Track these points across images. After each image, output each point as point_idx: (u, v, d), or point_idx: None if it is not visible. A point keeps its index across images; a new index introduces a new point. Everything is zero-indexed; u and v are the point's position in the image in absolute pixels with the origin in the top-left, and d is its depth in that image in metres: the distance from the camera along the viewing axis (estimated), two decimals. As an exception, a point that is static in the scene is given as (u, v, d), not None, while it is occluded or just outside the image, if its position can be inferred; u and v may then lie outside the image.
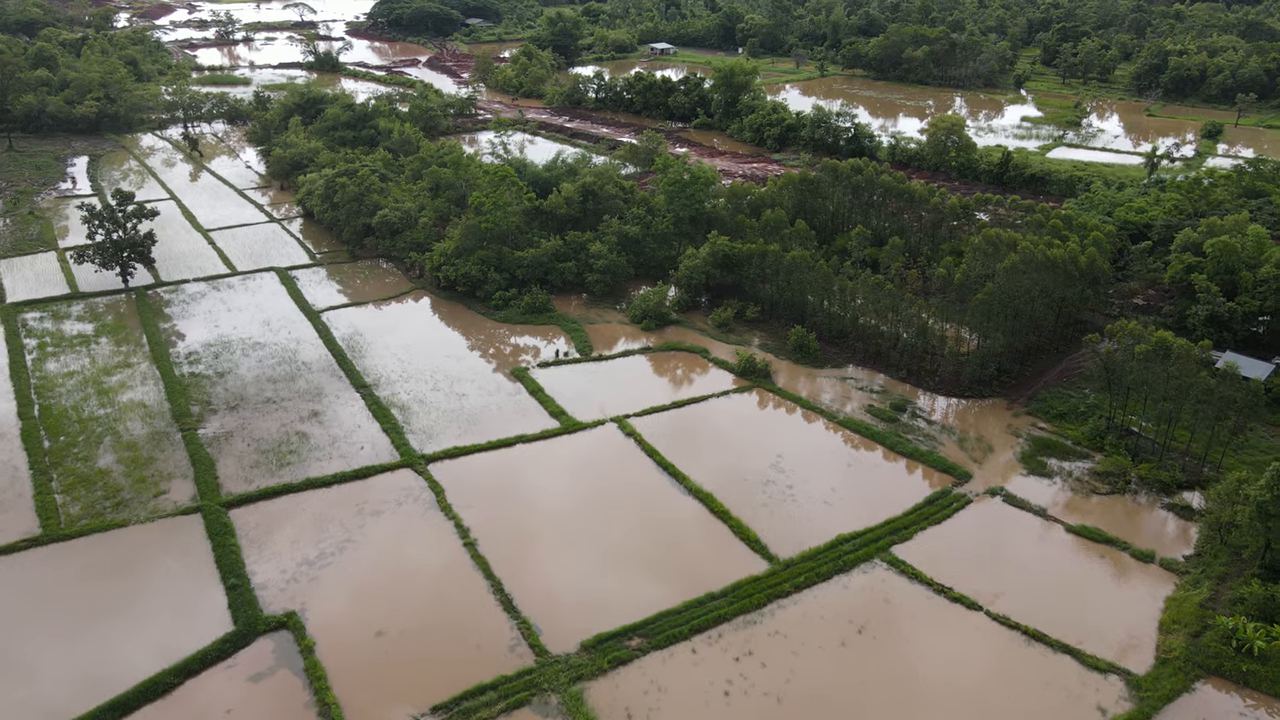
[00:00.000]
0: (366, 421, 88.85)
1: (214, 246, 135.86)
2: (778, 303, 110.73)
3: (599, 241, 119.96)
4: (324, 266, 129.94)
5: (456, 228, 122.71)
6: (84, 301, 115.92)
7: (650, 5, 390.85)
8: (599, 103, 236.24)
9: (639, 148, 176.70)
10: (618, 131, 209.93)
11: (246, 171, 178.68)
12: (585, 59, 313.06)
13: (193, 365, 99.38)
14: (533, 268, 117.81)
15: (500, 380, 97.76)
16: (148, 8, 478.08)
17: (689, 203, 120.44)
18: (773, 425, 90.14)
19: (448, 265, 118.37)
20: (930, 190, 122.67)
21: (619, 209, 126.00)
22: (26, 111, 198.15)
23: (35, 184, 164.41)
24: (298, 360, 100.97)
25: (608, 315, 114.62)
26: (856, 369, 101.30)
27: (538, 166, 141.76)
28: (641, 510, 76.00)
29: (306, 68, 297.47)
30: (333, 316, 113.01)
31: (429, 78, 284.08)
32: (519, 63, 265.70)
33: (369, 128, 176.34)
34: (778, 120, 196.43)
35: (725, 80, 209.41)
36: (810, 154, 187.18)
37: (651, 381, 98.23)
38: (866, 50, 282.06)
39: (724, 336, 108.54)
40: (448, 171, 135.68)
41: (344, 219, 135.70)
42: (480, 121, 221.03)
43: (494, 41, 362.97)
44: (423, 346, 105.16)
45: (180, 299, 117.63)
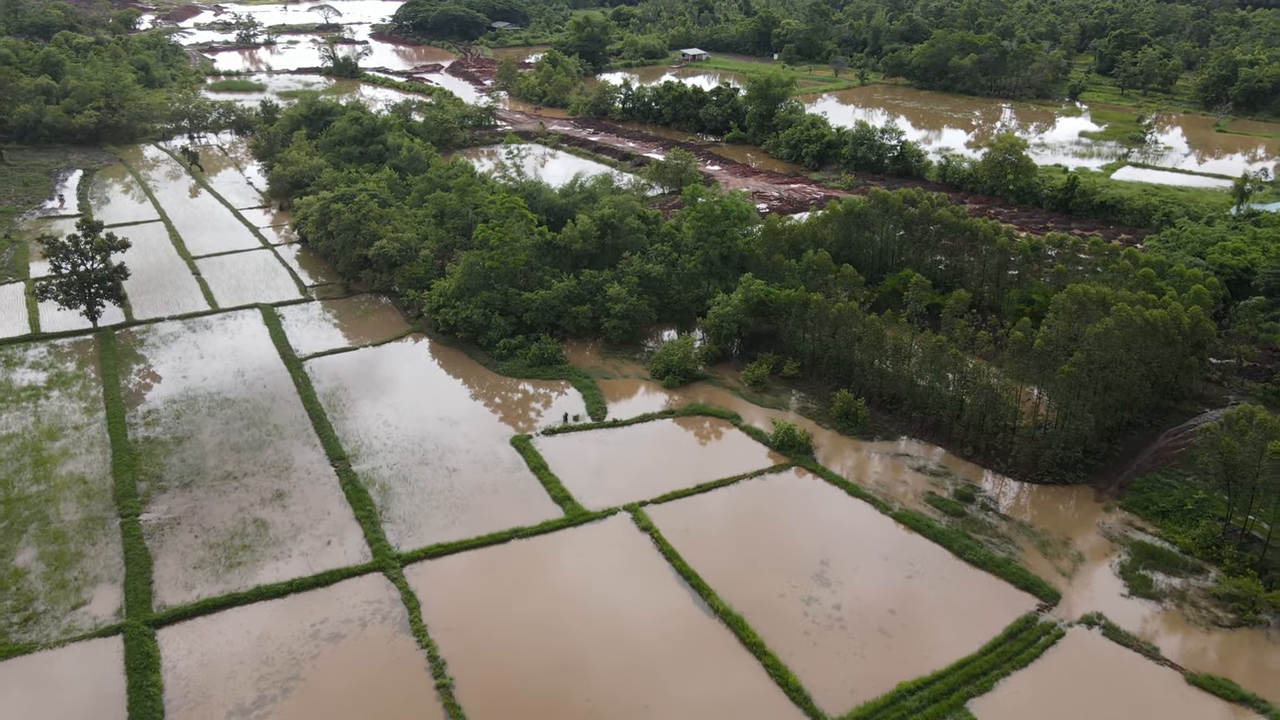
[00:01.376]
0: (338, 506, 75.84)
1: (198, 278, 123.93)
2: (820, 358, 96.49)
3: (618, 282, 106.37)
4: (315, 302, 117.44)
5: (459, 263, 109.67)
6: (44, 344, 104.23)
7: (682, 9, 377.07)
8: (626, 113, 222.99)
9: (666, 166, 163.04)
10: (645, 146, 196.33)
11: (247, 189, 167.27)
12: (614, 65, 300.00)
13: (150, 427, 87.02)
14: (542, 311, 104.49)
15: (499, 451, 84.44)
16: (173, 9, 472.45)
17: (720, 240, 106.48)
18: (815, 518, 76.00)
19: (447, 308, 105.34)
20: (995, 228, 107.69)
21: (641, 244, 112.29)
22: (23, 121, 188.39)
23: (20, 202, 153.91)
24: (269, 423, 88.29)
25: (625, 367, 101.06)
26: (911, 442, 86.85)
27: (553, 191, 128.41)
28: (657, 641, 62.24)
29: (325, 73, 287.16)
30: (316, 366, 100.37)
31: (450, 84, 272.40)
32: (543, 70, 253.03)
33: (377, 143, 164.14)
34: (817, 136, 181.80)
35: (760, 92, 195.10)
36: (852, 173, 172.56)
37: (673, 456, 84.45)
38: (910, 58, 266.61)
39: (758, 397, 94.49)
40: (452, 197, 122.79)
41: (339, 249, 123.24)
42: (500, 133, 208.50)
43: (520, 46, 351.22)
44: (413, 406, 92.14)
45: (151, 341, 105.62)
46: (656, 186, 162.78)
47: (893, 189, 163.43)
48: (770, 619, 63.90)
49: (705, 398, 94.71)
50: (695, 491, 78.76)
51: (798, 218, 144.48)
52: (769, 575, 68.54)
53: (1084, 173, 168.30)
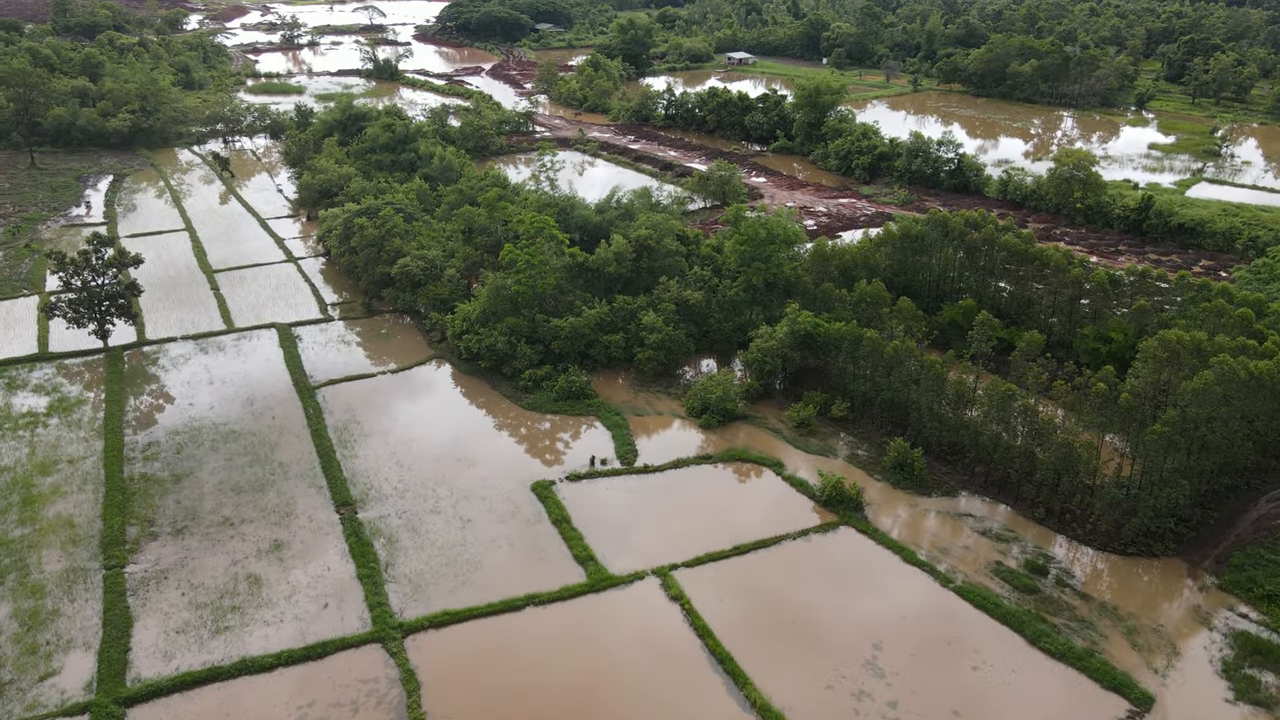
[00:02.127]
0: (339, 561, 69.28)
1: (216, 293, 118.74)
2: (872, 400, 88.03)
3: (653, 310, 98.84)
4: (335, 322, 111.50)
5: (485, 285, 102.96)
6: (51, 364, 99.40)
7: (729, 11, 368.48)
8: (668, 120, 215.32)
9: (709, 178, 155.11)
10: (687, 155, 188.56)
11: (276, 197, 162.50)
12: (657, 69, 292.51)
13: (148, 463, 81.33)
14: (572, 340, 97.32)
15: (518, 499, 77.37)
16: (221, 9, 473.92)
17: (765, 266, 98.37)
18: (867, 590, 67.78)
19: (470, 334, 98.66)
20: (1068, 257, 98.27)
21: (679, 268, 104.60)
22: (57, 124, 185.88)
23: (46, 208, 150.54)
24: (274, 460, 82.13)
25: (659, 402, 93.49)
26: (973, 499, 78.18)
27: (588, 207, 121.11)
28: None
29: (365, 75, 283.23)
30: (330, 394, 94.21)
31: (490, 87, 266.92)
32: (584, 74, 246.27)
33: (408, 151, 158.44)
34: (869, 148, 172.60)
35: (809, 100, 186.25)
36: (906, 188, 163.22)
37: (708, 509, 76.70)
38: (966, 63, 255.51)
39: (803, 441, 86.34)
40: (480, 213, 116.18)
41: (361, 266, 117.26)
42: (537, 140, 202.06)
43: (563, 48, 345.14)
44: (429, 443, 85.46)
45: (161, 364, 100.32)
46: (698, 200, 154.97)
47: (949, 205, 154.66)
48: (816, 718, 55.91)
49: (745, 440, 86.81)
50: (732, 554, 70.97)
51: (848, 237, 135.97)
52: (814, 660, 60.56)
53: (1155, 189, 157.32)
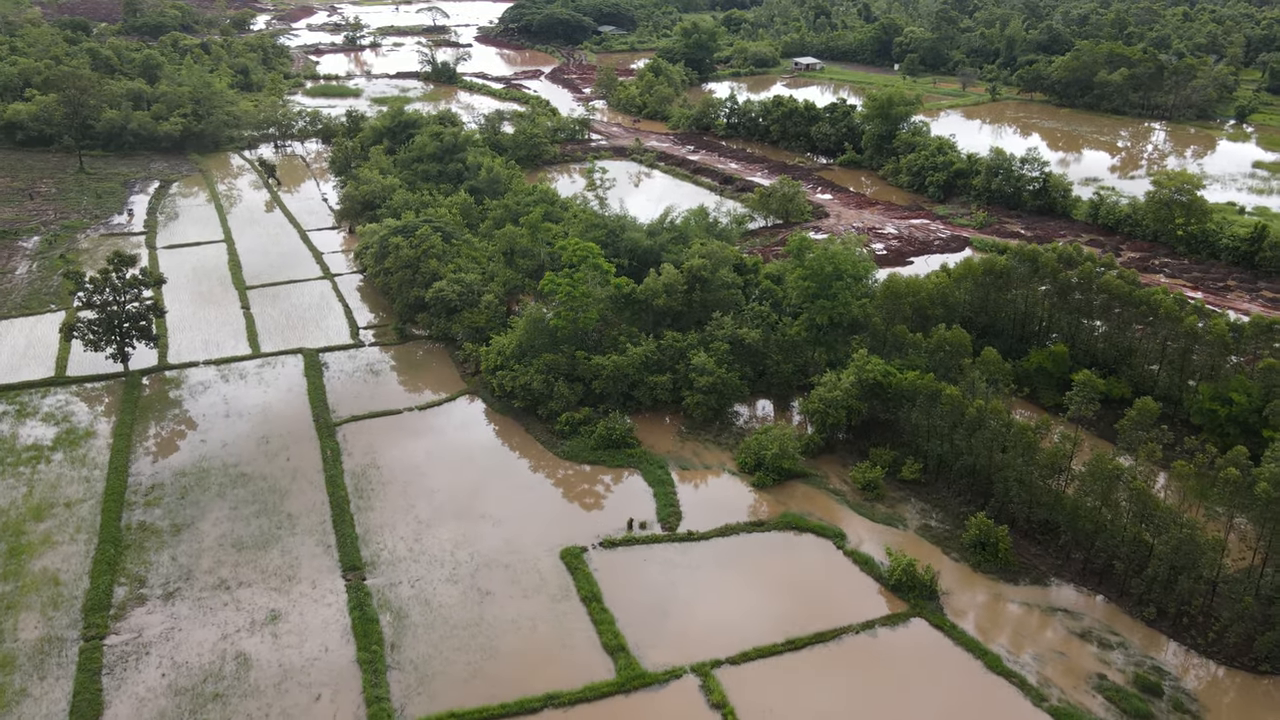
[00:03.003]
0: (339, 640, 61.65)
1: (246, 312, 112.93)
2: (949, 462, 77.68)
3: (705, 349, 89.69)
4: (365, 348, 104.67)
5: (522, 315, 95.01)
6: (65, 390, 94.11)
7: (797, 14, 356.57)
8: (730, 129, 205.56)
9: (772, 195, 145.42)
10: (748, 168, 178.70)
11: (321, 206, 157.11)
12: (720, 74, 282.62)
13: (149, 509, 74.93)
14: (614, 380, 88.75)
15: (545, 568, 69.01)
16: (290, 9, 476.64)
17: (830, 305, 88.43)
18: (943, 703, 57.77)
19: (505, 371, 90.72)
20: (1179, 303, 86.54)
21: (734, 302, 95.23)
22: (109, 128, 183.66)
23: (88, 216, 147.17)
24: (283, 510, 75.07)
25: (708, 453, 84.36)
26: (1068, 589, 67.54)
27: (639, 229, 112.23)
28: None
29: (423, 78, 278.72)
30: (351, 433, 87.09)
31: (549, 91, 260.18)
32: (644, 79, 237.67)
33: (456, 161, 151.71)
34: (944, 163, 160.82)
35: (880, 111, 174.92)
36: (984, 208, 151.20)
37: (758, 590, 67.38)
38: (1049, 71, 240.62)
39: (868, 507, 76.43)
40: (523, 233, 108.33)
41: (395, 288, 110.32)
42: (593, 148, 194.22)
43: (625, 51, 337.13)
44: (452, 494, 77.62)
45: (178, 392, 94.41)
46: (759, 218, 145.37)
47: (1032, 228, 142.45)
48: None
49: (803, 503, 77.21)
50: (784, 649, 61.57)
51: (920, 263, 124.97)
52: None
53: (1265, 214, 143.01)
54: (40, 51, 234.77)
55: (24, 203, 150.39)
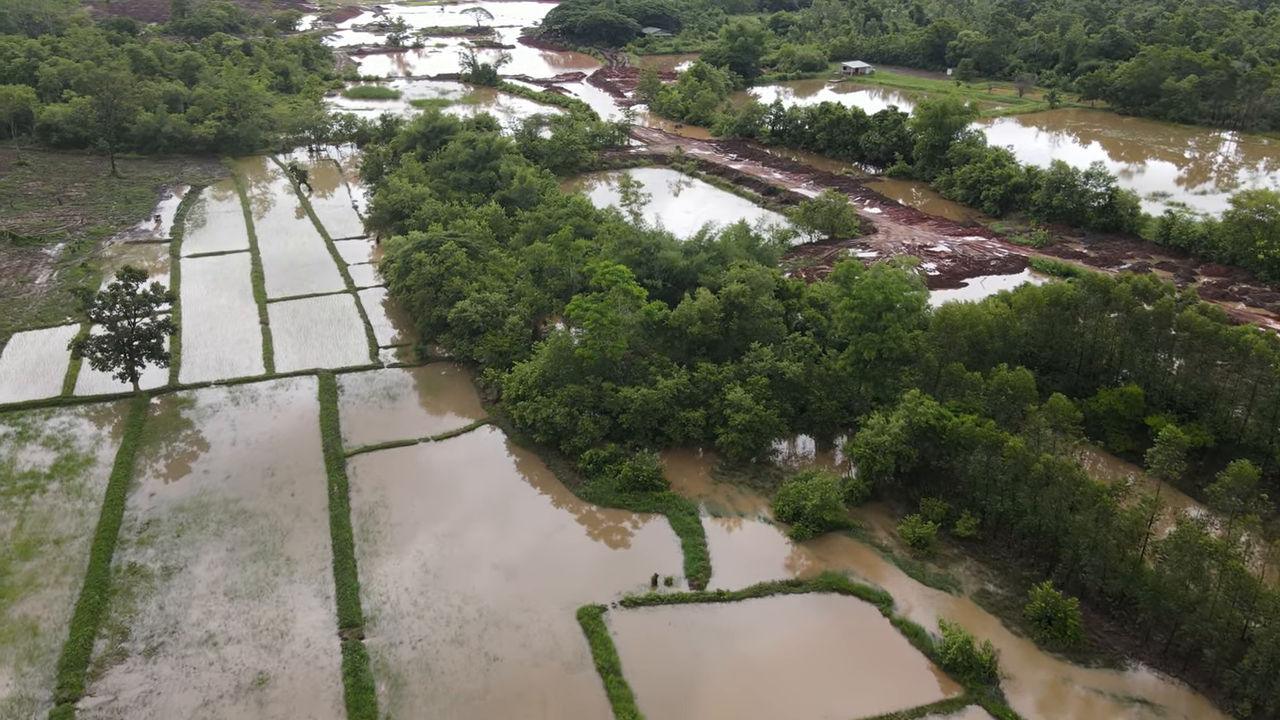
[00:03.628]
0: (330, 713, 56.03)
1: (264, 328, 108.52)
2: (1010, 520, 70.13)
3: (741, 383, 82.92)
4: (383, 370, 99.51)
5: (547, 341, 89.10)
6: (71, 411, 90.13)
7: (847, 16, 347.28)
8: (774, 136, 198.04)
9: (817, 209, 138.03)
10: (793, 178, 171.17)
11: (350, 214, 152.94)
12: (766, 78, 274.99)
13: (141, 548, 70.20)
14: (643, 414, 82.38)
15: (560, 630, 62.88)
16: (336, 9, 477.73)
17: (879, 338, 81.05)
18: (1004, 813, 50.62)
19: (527, 402, 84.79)
20: (1274, 346, 77.85)
21: (774, 332, 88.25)
22: (144, 130, 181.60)
23: (115, 222, 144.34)
24: (282, 554, 69.89)
25: (742, 498, 77.67)
26: (1148, 673, 59.80)
27: (676, 246, 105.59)
28: None
29: (463, 80, 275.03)
30: (362, 466, 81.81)
31: (589, 95, 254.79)
32: (687, 83, 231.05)
33: (489, 169, 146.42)
34: (1001, 176, 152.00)
35: (934, 120, 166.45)
36: (1045, 225, 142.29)
37: (795, 661, 60.59)
38: (1112, 78, 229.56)
39: (918, 567, 69.21)
40: (551, 250, 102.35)
41: (417, 306, 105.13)
42: (633, 155, 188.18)
43: (669, 53, 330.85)
44: (464, 540, 71.87)
45: (186, 415, 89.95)
46: (803, 233, 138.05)
47: (1097, 248, 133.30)
48: None
49: (845, 559, 70.22)
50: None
51: (974, 285, 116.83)
52: None
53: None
54: (83, 52, 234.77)
55: (52, 207, 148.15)
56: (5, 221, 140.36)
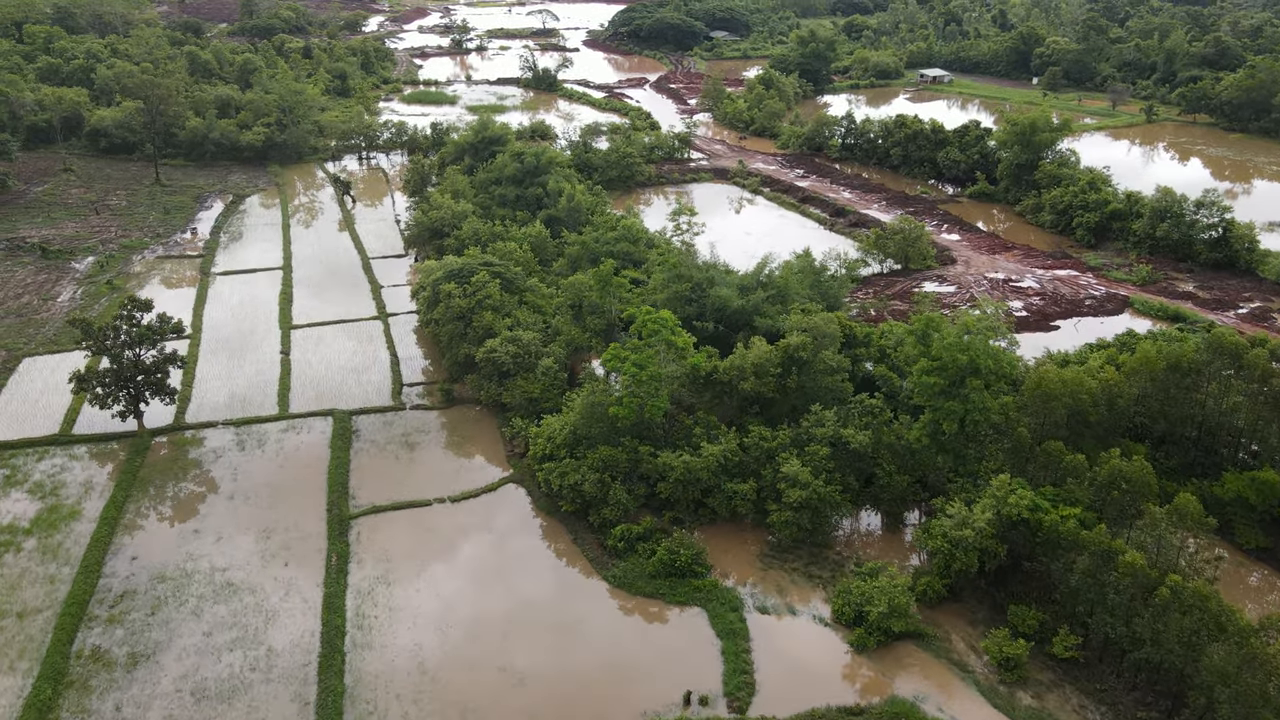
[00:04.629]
0: None
1: (284, 358, 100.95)
2: (1122, 644, 57.95)
3: (799, 452, 71.98)
4: (404, 412, 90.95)
5: (580, 392, 79.36)
6: (65, 452, 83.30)
7: (925, 21, 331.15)
8: (845, 150, 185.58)
9: (889, 236, 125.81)
10: (863, 198, 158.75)
11: (393, 230, 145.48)
12: (838, 85, 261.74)
13: (110, 627, 62.37)
14: (684, 485, 72.09)
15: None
16: (404, 11, 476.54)
17: (962, 407, 69.25)
18: None
19: (554, 464, 75.11)
20: None
21: (838, 393, 76.96)
22: (192, 136, 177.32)
23: (150, 234, 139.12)
24: (264, 643, 61.30)
25: (795, 589, 66.89)
26: None
27: (732, 283, 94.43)
28: None
29: (523, 85, 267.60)
30: (368, 530, 73.08)
31: (651, 102, 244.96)
32: (754, 91, 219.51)
33: (536, 185, 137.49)
34: (1096, 203, 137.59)
35: (1021, 138, 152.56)
36: (1147, 259, 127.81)
37: (853, 825, 49.70)
38: (1218, 90, 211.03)
39: (1006, 697, 57.54)
40: (591, 284, 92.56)
41: (445, 342, 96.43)
42: (693, 169, 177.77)
43: (737, 58, 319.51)
44: (470, 634, 62.47)
45: (187, 460, 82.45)
46: (873, 261, 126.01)
47: (1208, 287, 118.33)
48: None
49: (917, 679, 58.97)
50: None
51: (1069, 332, 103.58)
52: None
53: None
54: (142, 54, 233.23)
55: (89, 217, 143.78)
56: (40, 232, 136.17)
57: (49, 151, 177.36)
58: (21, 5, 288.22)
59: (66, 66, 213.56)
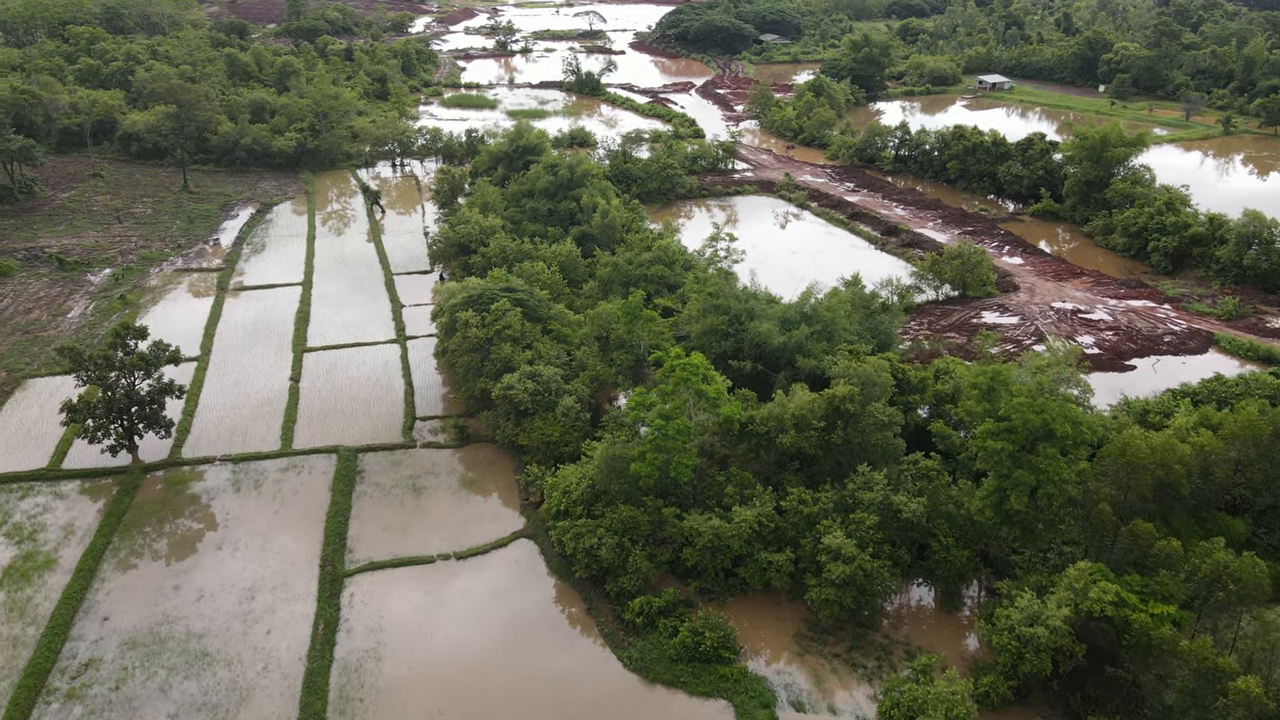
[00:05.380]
0: None
1: (293, 385, 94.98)
2: (1225, 777, 48.85)
3: (842, 520, 63.67)
4: (415, 450, 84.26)
5: (602, 441, 71.87)
6: (50, 489, 77.82)
7: (984, 24, 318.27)
8: (899, 162, 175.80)
9: (946, 261, 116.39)
10: (918, 215, 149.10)
11: (421, 244, 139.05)
12: (891, 92, 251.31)
13: (69, 704, 56.24)
14: (711, 552, 64.22)
15: None
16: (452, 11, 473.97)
17: (1035, 479, 60.25)
18: None
19: (569, 522, 67.68)
20: None
21: (890, 450, 68.42)
22: (223, 142, 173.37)
23: (172, 244, 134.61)
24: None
25: (835, 679, 58.65)
26: None
27: (772, 316, 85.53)
28: None
29: (565, 89, 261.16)
30: (362, 592, 66.32)
31: (696, 107, 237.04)
32: (803, 99, 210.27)
33: (570, 199, 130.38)
34: (1174, 225, 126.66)
35: (1091, 153, 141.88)
36: (1231, 289, 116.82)
37: None
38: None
39: (1085, 834, 48.79)
40: (618, 315, 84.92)
41: (460, 375, 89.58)
42: (737, 181, 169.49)
43: (787, 62, 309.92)
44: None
45: (179, 501, 76.53)
46: (927, 288, 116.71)
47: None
48: None
49: (977, 804, 50.44)
50: None
51: (1146, 372, 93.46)
52: None
53: None
54: (182, 56, 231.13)
55: (111, 226, 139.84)
56: (59, 242, 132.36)
57: (81, 155, 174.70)
58: (70, 5, 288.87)
59: (106, 68, 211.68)
